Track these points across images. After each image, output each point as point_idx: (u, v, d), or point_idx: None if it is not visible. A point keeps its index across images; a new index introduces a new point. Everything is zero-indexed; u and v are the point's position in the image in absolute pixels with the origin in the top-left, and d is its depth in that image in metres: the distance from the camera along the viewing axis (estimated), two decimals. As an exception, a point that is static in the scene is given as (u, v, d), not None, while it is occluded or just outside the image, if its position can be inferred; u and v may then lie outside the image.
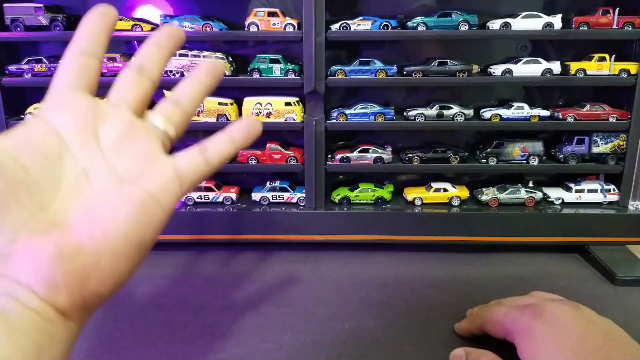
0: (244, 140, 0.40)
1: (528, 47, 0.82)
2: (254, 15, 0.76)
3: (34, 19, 0.77)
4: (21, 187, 0.30)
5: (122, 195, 0.33)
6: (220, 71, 0.42)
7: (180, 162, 0.37)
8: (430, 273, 0.73)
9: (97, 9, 0.39)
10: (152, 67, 0.40)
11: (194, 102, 0.41)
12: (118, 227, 0.32)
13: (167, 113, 0.39)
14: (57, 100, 0.35)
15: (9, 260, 0.28)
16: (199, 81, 0.41)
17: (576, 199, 0.82)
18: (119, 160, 0.35)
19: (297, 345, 0.55)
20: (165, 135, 0.38)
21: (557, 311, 0.46)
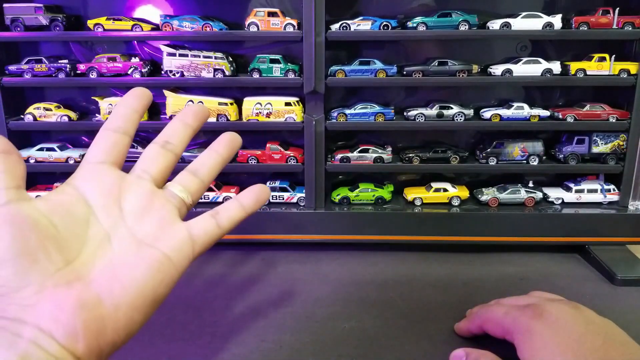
0: (253, 206, 0.45)
1: (528, 47, 0.82)
2: (254, 15, 0.76)
3: (34, 19, 0.77)
4: (51, 243, 0.34)
5: (140, 257, 0.37)
6: (238, 144, 0.48)
7: (194, 226, 0.41)
8: (430, 273, 0.73)
9: (134, 91, 0.43)
10: (176, 142, 0.44)
11: (210, 173, 0.46)
12: (135, 283, 0.36)
13: (185, 183, 0.44)
14: (88, 171, 0.40)
15: (34, 309, 0.31)
16: (217, 153, 0.46)
17: (576, 199, 0.82)
18: (139, 226, 0.39)
19: (297, 345, 0.55)
20: (182, 203, 0.43)
21: (557, 311, 0.46)
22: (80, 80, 0.80)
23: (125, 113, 0.43)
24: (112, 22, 0.77)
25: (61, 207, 0.37)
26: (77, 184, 0.39)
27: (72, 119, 0.81)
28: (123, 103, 0.43)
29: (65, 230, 0.36)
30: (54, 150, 0.82)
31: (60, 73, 0.79)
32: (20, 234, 0.33)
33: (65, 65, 0.79)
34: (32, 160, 0.81)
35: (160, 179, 0.43)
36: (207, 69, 0.78)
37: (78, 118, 0.82)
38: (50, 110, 0.81)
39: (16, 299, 0.31)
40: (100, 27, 0.77)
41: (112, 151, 0.41)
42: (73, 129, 0.84)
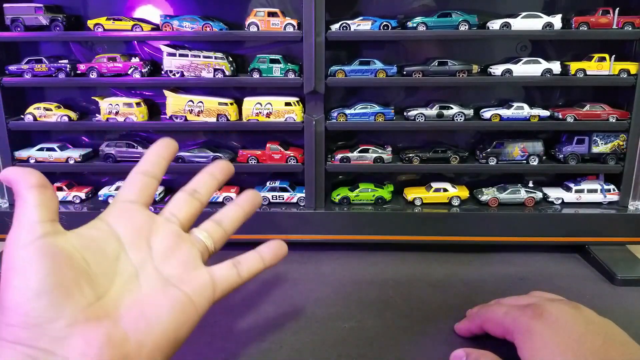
0: (272, 261, 0.48)
1: (528, 47, 0.82)
2: (254, 16, 0.76)
3: (34, 19, 0.77)
4: (84, 278, 0.36)
5: (165, 296, 0.39)
6: (259, 202, 0.52)
7: (216, 272, 0.43)
8: (430, 273, 0.73)
9: (163, 141, 0.47)
10: (203, 192, 0.48)
11: (233, 224, 0.49)
12: (160, 323, 0.37)
13: (209, 230, 0.47)
14: (120, 209, 0.43)
15: (65, 342, 0.32)
16: (240, 207, 0.50)
17: (576, 199, 0.82)
18: (165, 266, 0.41)
19: (297, 345, 0.55)
20: (205, 249, 0.45)
21: (557, 311, 0.46)
22: (80, 80, 0.80)
23: (154, 160, 0.46)
24: (112, 22, 0.77)
25: (93, 243, 0.39)
26: (109, 220, 0.41)
27: (72, 119, 0.81)
28: (152, 151, 0.46)
29: (97, 266, 0.37)
30: (54, 150, 0.82)
31: (61, 73, 0.79)
32: (57, 268, 0.34)
33: (66, 65, 0.79)
34: (32, 160, 0.81)
35: (186, 223, 0.46)
36: (207, 69, 0.78)
37: (78, 118, 0.82)
38: (51, 110, 0.81)
39: (48, 331, 0.32)
40: (101, 27, 0.77)
41: (143, 192, 0.44)
42: (73, 129, 0.84)
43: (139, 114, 0.81)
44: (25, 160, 0.81)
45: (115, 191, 0.83)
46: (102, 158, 0.83)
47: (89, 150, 0.85)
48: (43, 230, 0.35)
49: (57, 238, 0.36)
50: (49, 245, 0.35)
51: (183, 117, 0.80)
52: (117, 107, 0.80)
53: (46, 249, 0.34)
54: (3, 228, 0.79)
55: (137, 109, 0.80)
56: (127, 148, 0.82)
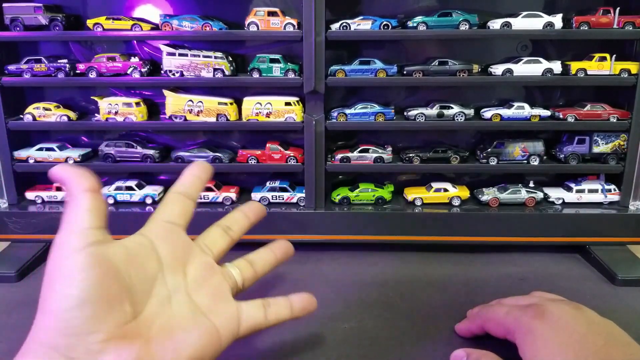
0: (300, 314, 0.48)
1: (528, 46, 0.82)
2: (254, 15, 0.76)
3: (33, 18, 0.77)
4: (126, 294, 0.36)
5: (195, 323, 0.40)
6: (291, 253, 0.55)
7: (245, 309, 0.44)
8: (430, 273, 0.73)
9: (200, 164, 0.49)
10: (236, 230, 0.51)
11: (264, 267, 0.52)
12: (186, 349, 0.37)
13: (241, 268, 0.49)
14: (163, 229, 0.43)
15: (98, 356, 0.33)
16: (273, 253, 0.53)
17: (577, 199, 0.82)
18: (197, 295, 0.42)
19: (297, 346, 0.55)
20: (235, 285, 0.47)
21: (559, 311, 0.45)
22: (80, 80, 0.80)
23: (193, 182, 0.47)
24: (111, 21, 0.77)
25: (137, 259, 0.39)
26: (152, 238, 0.42)
27: (72, 118, 0.81)
28: (190, 172, 0.48)
29: (138, 283, 0.37)
30: (53, 150, 0.82)
31: (60, 73, 0.79)
32: (104, 279, 0.34)
33: (65, 65, 0.79)
34: (32, 160, 0.81)
35: (218, 257, 0.47)
36: (206, 68, 0.78)
37: (77, 118, 0.82)
38: (50, 110, 0.81)
39: (85, 342, 0.32)
40: (100, 27, 0.77)
41: (184, 215, 0.45)
42: (72, 128, 0.84)
43: (139, 113, 0.81)
44: (24, 160, 0.81)
45: (115, 191, 0.83)
46: (102, 158, 0.83)
47: (88, 150, 0.85)
48: (94, 238, 0.35)
49: (106, 248, 0.36)
50: (98, 255, 0.34)
51: (183, 116, 0.80)
52: (117, 106, 0.80)
53: (96, 258, 0.34)
54: (3, 228, 0.79)
55: (136, 109, 0.80)
56: (126, 148, 0.82)
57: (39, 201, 0.83)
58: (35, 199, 0.83)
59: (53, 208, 0.81)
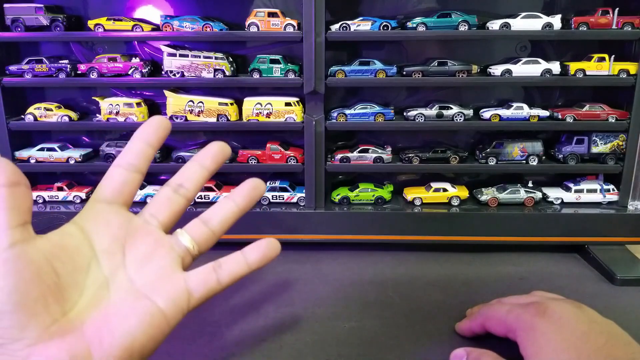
0: (259, 263, 0.43)
1: (527, 47, 0.82)
2: (254, 16, 0.76)
3: (34, 19, 0.77)
4: (51, 294, 0.33)
5: (134, 308, 0.36)
6: (260, 193, 0.44)
7: (194, 278, 0.40)
8: (430, 273, 0.73)
9: (151, 122, 0.41)
10: (190, 186, 0.43)
11: (223, 224, 0.43)
12: (125, 336, 0.34)
13: (194, 232, 0.42)
14: (96, 212, 0.39)
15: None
16: (235, 203, 0.44)
17: (575, 199, 0.82)
18: (138, 275, 0.38)
19: (297, 345, 0.55)
20: (187, 252, 0.41)
21: (560, 309, 0.46)
22: (81, 81, 0.80)
23: (140, 149, 0.41)
24: (112, 22, 0.77)
25: (64, 252, 0.35)
26: (83, 225, 0.38)
27: (73, 119, 0.81)
28: (139, 136, 0.41)
29: (66, 277, 0.34)
30: (54, 150, 0.83)
31: (61, 73, 0.79)
32: (22, 286, 0.31)
33: (66, 66, 0.79)
34: (33, 160, 0.81)
35: (168, 224, 0.42)
36: (207, 69, 0.78)
37: (79, 118, 0.82)
38: (51, 111, 0.81)
39: (9, 350, 0.30)
40: (101, 28, 0.77)
41: (123, 191, 0.40)
42: (73, 129, 0.84)
43: (140, 114, 0.81)
44: (25, 160, 0.81)
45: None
46: (103, 158, 0.83)
47: (89, 150, 0.85)
48: (12, 239, 0.31)
49: (26, 248, 0.32)
50: (15, 259, 0.31)
51: (183, 117, 0.80)
52: (118, 107, 0.80)
53: (12, 263, 0.31)
54: None
55: (137, 109, 0.81)
56: (127, 148, 0.82)
57: (40, 201, 0.83)
58: (36, 198, 0.83)
59: (54, 208, 0.82)
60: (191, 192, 0.43)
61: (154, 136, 0.41)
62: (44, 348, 0.31)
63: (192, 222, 0.43)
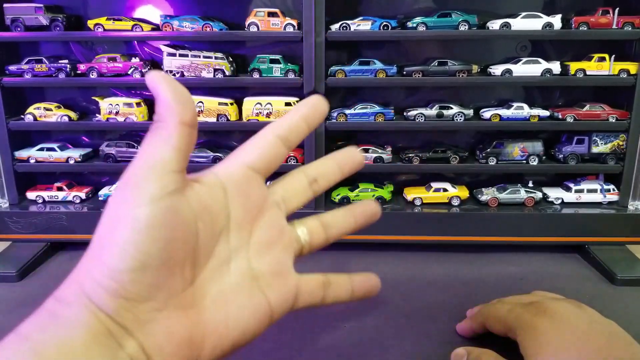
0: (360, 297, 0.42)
1: (528, 47, 0.82)
2: (254, 16, 0.76)
3: (34, 19, 0.77)
4: (189, 256, 0.31)
5: (250, 299, 0.34)
6: (375, 219, 0.44)
7: (304, 285, 0.38)
8: (430, 273, 0.73)
9: (312, 101, 0.39)
10: (323, 184, 0.41)
11: (338, 234, 0.42)
12: (238, 330, 0.33)
13: (313, 231, 0.40)
14: (242, 176, 0.35)
15: (147, 326, 0.28)
16: (354, 220, 0.43)
17: (576, 199, 0.82)
18: (258, 261, 0.35)
19: (297, 345, 0.55)
20: (300, 250, 0.39)
21: (561, 309, 0.46)
22: (81, 80, 0.80)
23: (299, 125, 0.38)
24: (112, 22, 0.77)
25: (208, 212, 0.32)
26: (227, 186, 0.34)
27: (73, 119, 0.81)
28: (299, 113, 0.38)
29: (203, 242, 0.32)
30: (54, 150, 0.82)
31: (61, 73, 0.79)
32: (173, 243, 0.29)
33: (66, 65, 0.79)
34: (32, 160, 0.81)
35: (290, 213, 0.39)
36: (207, 69, 0.78)
37: (78, 118, 0.82)
38: (51, 110, 0.81)
39: (136, 309, 0.28)
40: (101, 27, 0.77)
41: (272, 162, 0.36)
42: (73, 129, 0.84)
43: (139, 114, 0.81)
44: (25, 160, 0.81)
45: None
46: (102, 158, 0.83)
47: (89, 150, 0.85)
48: (174, 185, 0.29)
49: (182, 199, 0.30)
50: (173, 210, 0.29)
51: (183, 117, 0.80)
52: (117, 107, 0.80)
53: (170, 214, 0.28)
54: (4, 228, 0.79)
55: (137, 109, 0.80)
56: (127, 148, 0.82)
57: (39, 201, 0.83)
58: (36, 198, 0.83)
59: (54, 208, 0.81)
60: (322, 189, 0.41)
61: (313, 116, 0.39)
62: (167, 317, 0.29)
63: (312, 220, 0.41)
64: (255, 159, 0.36)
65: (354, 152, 0.42)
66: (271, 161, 0.36)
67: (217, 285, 0.33)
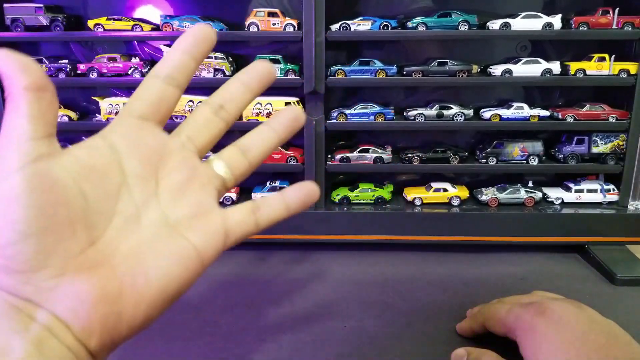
0: (298, 209, 0.39)
1: (528, 47, 0.82)
2: (254, 16, 0.76)
3: (34, 19, 0.77)
4: (78, 218, 0.29)
5: (168, 246, 0.32)
6: (301, 124, 0.40)
7: (231, 218, 0.36)
8: (430, 273, 0.73)
9: (195, 31, 0.35)
10: (232, 109, 0.38)
11: (261, 155, 0.39)
12: (160, 278, 0.31)
13: (231, 161, 0.38)
14: (129, 127, 0.34)
15: (52, 293, 0.27)
16: (275, 132, 0.39)
17: (576, 199, 0.82)
18: (173, 208, 0.34)
19: (297, 345, 0.55)
20: (223, 185, 0.37)
21: (560, 309, 0.46)
22: (81, 81, 0.80)
23: (182, 60, 0.35)
24: (112, 22, 0.77)
25: (93, 172, 0.31)
26: (114, 141, 0.33)
27: (72, 119, 0.81)
28: (180, 46, 0.35)
29: (94, 202, 0.30)
30: (54, 150, 0.82)
31: (61, 73, 0.79)
32: (48, 205, 0.28)
33: (66, 66, 0.79)
34: (32, 160, 0.81)
35: (204, 150, 0.37)
36: (207, 69, 0.78)
37: (78, 118, 0.82)
38: (51, 111, 0.81)
39: (33, 279, 0.27)
40: (101, 27, 0.77)
41: (160, 106, 0.35)
42: (73, 129, 0.84)
43: (139, 114, 0.81)
44: (25, 160, 0.81)
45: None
46: (102, 158, 0.83)
47: (89, 150, 0.85)
48: (36, 152, 0.28)
49: (52, 163, 0.28)
50: (41, 175, 0.28)
51: (183, 117, 0.80)
52: (117, 107, 0.80)
53: (38, 179, 0.27)
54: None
55: (137, 109, 0.80)
56: (127, 148, 0.82)
57: (39, 201, 0.83)
58: (36, 199, 0.83)
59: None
60: (232, 115, 0.38)
61: (198, 48, 0.36)
62: (71, 280, 0.28)
63: (228, 149, 0.39)
64: (139, 107, 0.34)
65: (258, 65, 0.39)
66: (159, 105, 0.34)
67: (128, 241, 0.31)
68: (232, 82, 0.38)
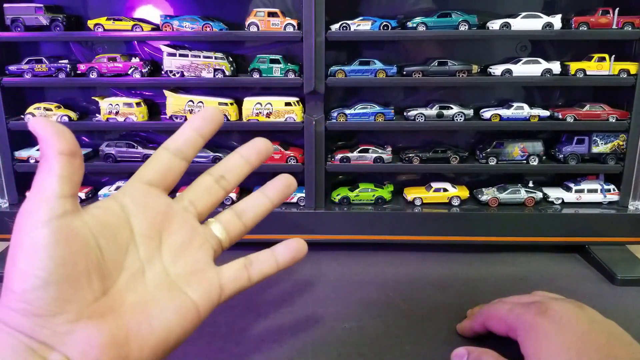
0: (288, 264, 0.44)
1: (528, 47, 0.82)
2: (254, 16, 0.76)
3: (34, 19, 0.77)
4: (95, 269, 0.33)
5: (170, 299, 0.37)
6: (292, 191, 0.46)
7: (226, 274, 0.40)
8: (430, 273, 0.73)
9: (205, 113, 0.41)
10: (231, 180, 0.43)
11: (255, 219, 0.44)
12: (163, 328, 0.35)
13: (228, 224, 0.43)
14: (138, 191, 0.38)
15: (66, 338, 0.31)
16: (268, 198, 0.45)
17: (576, 199, 0.82)
18: (174, 265, 0.38)
19: (297, 345, 0.55)
20: (219, 245, 0.42)
21: (561, 309, 0.46)
22: (81, 81, 0.80)
23: (190, 136, 0.40)
24: (112, 22, 0.77)
25: (108, 229, 0.35)
26: (124, 203, 0.37)
27: (73, 119, 0.81)
28: (191, 125, 0.41)
29: (108, 255, 0.34)
30: (54, 150, 0.82)
31: (61, 73, 0.79)
32: (71, 257, 0.31)
33: (66, 66, 0.79)
34: (32, 160, 0.81)
35: (204, 214, 0.42)
36: (207, 69, 0.78)
37: (78, 118, 0.82)
38: (51, 111, 0.81)
39: (50, 324, 0.30)
40: (101, 27, 0.77)
41: (167, 176, 0.40)
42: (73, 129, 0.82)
43: (139, 114, 0.81)
44: (25, 160, 0.81)
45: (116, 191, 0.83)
46: (102, 158, 0.83)
47: (89, 150, 0.85)
48: (62, 209, 0.31)
49: (75, 219, 0.32)
50: (65, 229, 0.31)
51: (183, 117, 0.80)
52: (117, 107, 0.80)
53: (62, 233, 0.31)
54: (3, 228, 0.79)
55: (137, 109, 0.80)
56: (127, 148, 0.82)
57: (39, 201, 0.83)
58: (36, 199, 0.83)
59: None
60: (231, 185, 0.43)
61: (206, 128, 0.41)
62: (85, 326, 0.31)
63: (225, 213, 0.43)
64: (148, 174, 0.39)
65: (258, 142, 0.45)
66: (166, 174, 0.39)
67: (134, 293, 0.35)
68: (234, 155, 0.44)
